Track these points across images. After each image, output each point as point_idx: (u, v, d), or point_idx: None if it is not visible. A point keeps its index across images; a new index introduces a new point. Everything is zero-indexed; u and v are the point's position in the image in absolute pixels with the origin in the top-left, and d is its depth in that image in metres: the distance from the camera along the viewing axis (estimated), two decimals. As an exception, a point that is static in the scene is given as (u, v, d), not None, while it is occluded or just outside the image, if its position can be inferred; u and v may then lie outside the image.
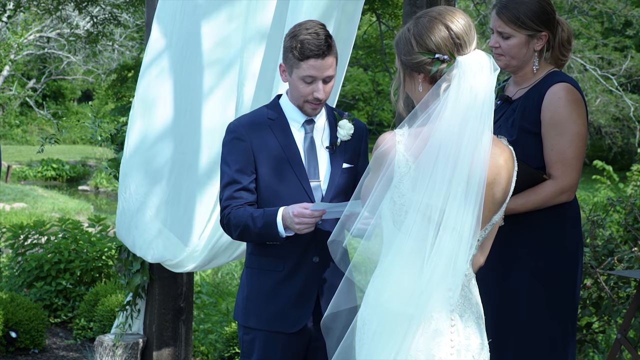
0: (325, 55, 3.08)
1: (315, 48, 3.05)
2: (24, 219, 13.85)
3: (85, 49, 17.58)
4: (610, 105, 20.10)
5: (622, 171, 15.50)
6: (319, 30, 3.09)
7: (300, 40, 3.07)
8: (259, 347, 3.20)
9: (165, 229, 4.55)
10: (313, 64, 3.07)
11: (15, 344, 6.19)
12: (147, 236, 4.61)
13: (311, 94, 3.12)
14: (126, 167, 4.61)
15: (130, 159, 4.59)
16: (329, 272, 3.20)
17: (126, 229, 4.71)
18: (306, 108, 3.18)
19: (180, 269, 4.71)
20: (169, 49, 4.47)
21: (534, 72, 3.32)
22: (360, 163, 3.28)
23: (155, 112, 4.52)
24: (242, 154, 3.16)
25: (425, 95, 2.56)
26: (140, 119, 4.55)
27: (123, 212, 4.67)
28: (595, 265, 4.73)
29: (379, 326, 2.54)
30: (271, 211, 3.08)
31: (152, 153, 4.54)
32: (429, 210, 2.47)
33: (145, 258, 4.73)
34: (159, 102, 4.51)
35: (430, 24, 2.53)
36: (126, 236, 4.74)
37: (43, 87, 34.17)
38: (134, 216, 4.61)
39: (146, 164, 4.55)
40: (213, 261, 4.61)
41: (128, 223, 4.67)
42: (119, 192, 4.71)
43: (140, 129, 4.55)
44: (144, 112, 4.54)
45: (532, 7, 3.25)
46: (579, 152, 3.21)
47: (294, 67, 3.11)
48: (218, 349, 6.13)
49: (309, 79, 3.09)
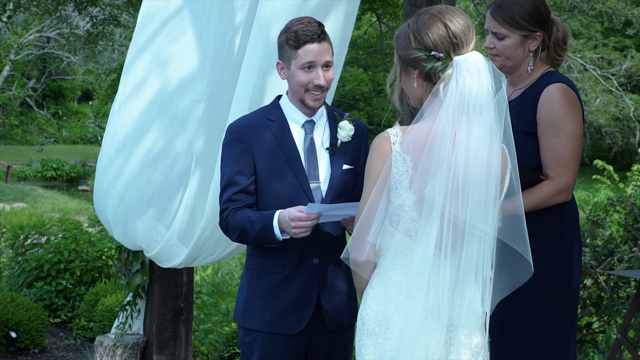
0: (321, 39, 3.10)
1: (310, 33, 3.08)
2: (24, 219, 13.85)
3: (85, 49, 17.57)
4: (610, 105, 20.10)
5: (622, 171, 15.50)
6: (310, 20, 3.13)
7: (294, 30, 3.10)
8: (259, 349, 3.19)
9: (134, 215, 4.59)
10: (309, 48, 3.08)
11: (15, 344, 6.19)
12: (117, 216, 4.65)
13: (311, 82, 3.11)
14: (106, 152, 4.64)
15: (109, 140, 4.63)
16: (329, 273, 3.19)
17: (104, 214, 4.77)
18: (307, 100, 3.15)
19: (166, 264, 4.70)
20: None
21: (529, 73, 3.32)
22: (361, 164, 3.26)
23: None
24: (241, 155, 3.15)
25: (421, 92, 2.59)
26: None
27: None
28: (595, 265, 4.73)
29: (377, 326, 2.55)
30: (268, 214, 3.07)
31: (129, 137, 4.56)
32: (430, 209, 2.47)
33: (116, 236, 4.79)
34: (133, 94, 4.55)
35: (429, 21, 2.56)
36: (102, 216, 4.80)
37: (43, 87, 34.17)
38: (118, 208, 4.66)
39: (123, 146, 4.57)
40: (200, 258, 4.60)
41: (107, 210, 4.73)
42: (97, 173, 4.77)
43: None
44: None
45: (527, 7, 3.25)
46: (575, 152, 3.21)
47: (291, 58, 3.11)
48: (218, 349, 6.13)
49: (307, 65, 3.09)
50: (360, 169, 3.25)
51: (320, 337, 3.21)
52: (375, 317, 2.56)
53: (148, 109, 4.49)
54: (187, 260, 4.57)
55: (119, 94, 4.62)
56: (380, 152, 2.54)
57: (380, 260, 2.61)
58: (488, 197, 2.48)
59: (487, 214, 2.48)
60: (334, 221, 3.15)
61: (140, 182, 4.50)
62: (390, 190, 2.53)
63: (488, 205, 2.48)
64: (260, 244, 3.15)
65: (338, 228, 3.20)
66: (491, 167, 2.49)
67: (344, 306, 3.22)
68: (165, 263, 4.70)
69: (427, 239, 2.49)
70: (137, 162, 4.50)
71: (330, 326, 3.19)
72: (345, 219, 3.09)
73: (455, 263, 2.48)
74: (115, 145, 4.56)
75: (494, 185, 2.50)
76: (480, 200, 2.46)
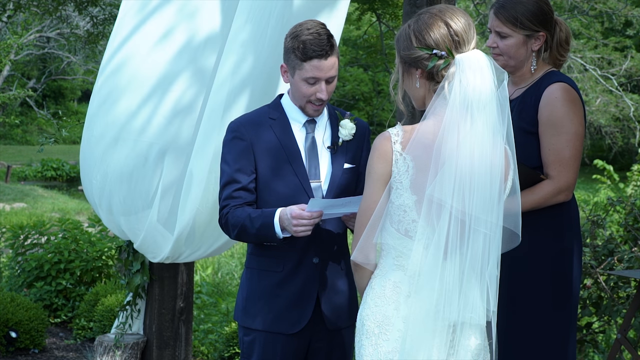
0: (328, 55, 3.06)
1: (318, 48, 3.04)
2: (24, 219, 13.85)
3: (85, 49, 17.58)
4: (610, 105, 20.10)
5: (622, 171, 15.49)
6: (320, 30, 3.07)
7: (302, 40, 3.05)
8: (258, 348, 3.19)
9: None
10: (316, 64, 3.05)
11: (15, 344, 6.19)
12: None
13: (314, 95, 3.10)
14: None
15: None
16: (329, 272, 3.19)
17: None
18: (308, 109, 3.16)
19: (152, 255, 4.71)
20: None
21: (531, 72, 3.33)
22: (362, 163, 3.25)
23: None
24: (241, 153, 3.15)
25: (424, 92, 2.59)
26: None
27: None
28: (595, 265, 4.73)
29: (376, 327, 2.55)
30: (269, 212, 3.06)
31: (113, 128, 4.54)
32: (431, 209, 2.47)
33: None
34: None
35: (430, 21, 2.56)
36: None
37: (43, 87, 34.18)
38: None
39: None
40: (186, 253, 4.60)
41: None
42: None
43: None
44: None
45: (530, 7, 3.25)
46: (576, 151, 3.21)
47: (296, 68, 3.09)
48: (218, 349, 6.13)
49: (312, 80, 3.07)
50: (362, 168, 3.25)
51: (320, 336, 3.20)
52: (374, 318, 2.56)
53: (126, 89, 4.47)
54: (173, 254, 4.57)
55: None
56: (381, 151, 2.54)
57: (380, 261, 2.61)
58: (492, 194, 2.48)
59: (492, 210, 2.48)
60: (334, 220, 3.15)
61: (118, 162, 4.48)
62: (391, 190, 2.53)
63: (493, 202, 2.48)
64: (259, 241, 3.15)
65: (339, 226, 3.20)
66: (495, 164, 2.49)
67: (343, 305, 3.22)
68: (152, 254, 4.70)
69: (428, 239, 2.49)
70: (114, 143, 4.49)
71: (330, 325, 3.19)
72: (347, 215, 3.09)
73: (459, 263, 2.48)
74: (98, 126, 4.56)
75: (498, 182, 2.50)
76: (485, 197, 2.46)
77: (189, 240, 4.47)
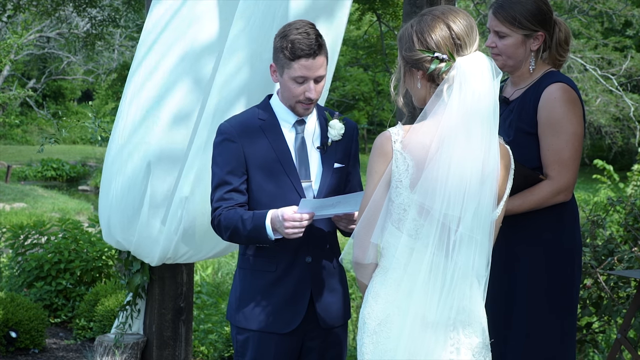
0: (317, 54, 3.07)
1: (306, 48, 3.05)
2: (24, 219, 13.85)
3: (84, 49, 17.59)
4: (610, 105, 20.09)
5: (623, 171, 15.48)
6: (309, 29, 3.09)
7: (290, 40, 3.06)
8: (252, 348, 3.19)
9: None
10: (304, 63, 3.06)
11: (15, 344, 6.19)
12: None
13: (303, 94, 3.12)
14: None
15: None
16: (321, 271, 3.20)
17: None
18: (298, 108, 3.17)
19: (144, 258, 4.76)
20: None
21: (530, 72, 3.32)
22: (352, 162, 3.28)
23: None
24: (232, 155, 3.15)
25: (425, 93, 2.59)
26: None
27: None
28: (595, 265, 4.73)
29: (377, 326, 2.55)
30: (260, 214, 3.07)
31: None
32: (431, 208, 2.47)
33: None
34: None
35: (432, 22, 2.56)
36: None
37: (43, 87, 34.18)
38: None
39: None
40: (188, 254, 4.63)
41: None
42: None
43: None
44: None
45: (529, 6, 3.25)
46: (575, 152, 3.21)
47: (285, 68, 3.10)
48: (218, 349, 6.13)
49: (300, 79, 3.09)
50: (351, 167, 3.26)
51: (314, 335, 3.21)
52: (375, 316, 2.56)
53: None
54: (163, 257, 4.63)
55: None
56: (382, 151, 2.54)
57: (381, 260, 2.61)
58: (483, 199, 2.48)
59: (485, 218, 2.49)
60: (325, 219, 3.16)
61: (121, 170, 4.60)
62: (391, 189, 2.53)
63: (486, 208, 2.49)
64: (252, 243, 3.16)
65: (330, 225, 3.21)
66: (487, 172, 2.49)
67: (337, 304, 3.23)
68: (148, 258, 4.74)
69: (427, 238, 2.49)
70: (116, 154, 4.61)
71: (323, 324, 3.20)
72: (338, 216, 3.10)
73: (454, 262, 2.48)
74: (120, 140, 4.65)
75: (488, 188, 2.50)
76: (476, 202, 2.47)
77: (188, 241, 4.48)
